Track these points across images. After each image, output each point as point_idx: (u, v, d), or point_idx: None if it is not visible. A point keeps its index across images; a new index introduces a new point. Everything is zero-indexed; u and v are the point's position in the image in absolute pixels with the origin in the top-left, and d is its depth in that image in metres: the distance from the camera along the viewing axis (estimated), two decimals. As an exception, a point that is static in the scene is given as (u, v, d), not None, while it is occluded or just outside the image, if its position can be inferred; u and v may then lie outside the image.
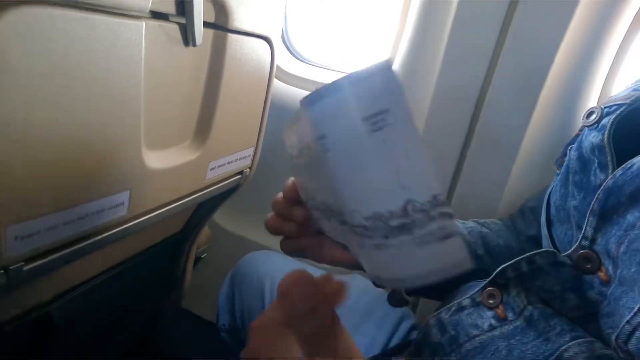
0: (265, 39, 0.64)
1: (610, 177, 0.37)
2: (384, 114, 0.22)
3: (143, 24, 0.41)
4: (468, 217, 0.61)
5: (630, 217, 0.34)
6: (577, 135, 0.47)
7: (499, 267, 0.55)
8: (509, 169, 0.71)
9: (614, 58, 0.67)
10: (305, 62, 0.95)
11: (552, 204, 0.48)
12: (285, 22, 0.92)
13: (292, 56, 0.94)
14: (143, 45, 0.42)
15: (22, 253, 0.36)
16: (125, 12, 0.39)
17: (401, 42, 0.80)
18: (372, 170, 0.23)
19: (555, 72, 0.67)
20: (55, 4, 0.31)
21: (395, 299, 0.55)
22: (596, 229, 0.37)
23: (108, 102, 0.39)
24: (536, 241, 0.55)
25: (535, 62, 0.66)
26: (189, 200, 0.60)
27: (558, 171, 0.50)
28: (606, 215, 0.36)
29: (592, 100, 0.69)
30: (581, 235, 0.38)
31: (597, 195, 0.37)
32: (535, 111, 0.68)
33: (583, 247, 0.37)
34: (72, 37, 0.34)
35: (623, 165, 0.36)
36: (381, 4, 0.96)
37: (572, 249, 0.38)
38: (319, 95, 0.23)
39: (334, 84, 0.23)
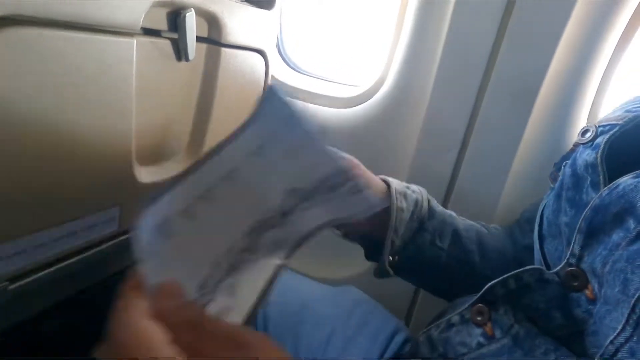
0: (260, 52, 0.64)
1: (597, 196, 0.37)
2: None
3: (134, 41, 0.41)
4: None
5: (615, 236, 0.34)
6: (572, 151, 0.48)
7: (487, 265, 0.56)
8: (504, 180, 0.72)
9: (603, 74, 0.68)
10: (300, 73, 0.96)
11: (544, 218, 0.48)
12: (281, 33, 0.92)
13: (287, 67, 0.95)
14: (134, 61, 0.42)
15: (5, 272, 0.35)
16: (116, 30, 0.39)
17: (396, 52, 0.81)
18: None
19: (547, 86, 0.67)
20: (45, 25, 0.31)
21: (379, 271, 0.55)
22: (583, 247, 0.37)
23: (99, 119, 0.39)
24: (532, 251, 0.55)
25: (528, 76, 0.67)
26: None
27: (552, 185, 0.50)
28: (593, 234, 0.36)
29: (583, 113, 0.70)
30: (569, 252, 0.38)
31: (584, 213, 0.37)
32: (529, 124, 0.69)
33: (570, 265, 0.38)
34: (63, 57, 0.34)
35: (609, 185, 0.37)
36: (377, 14, 0.97)
37: (560, 265, 0.38)
38: None
39: None
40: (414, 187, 0.57)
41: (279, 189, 0.34)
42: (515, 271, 0.41)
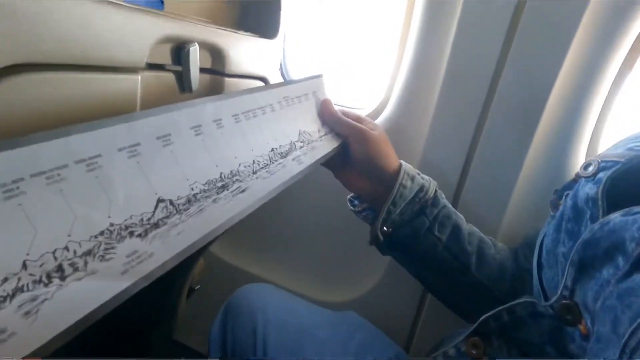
0: (262, 79, 0.66)
1: (588, 230, 0.37)
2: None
3: (139, 77, 0.42)
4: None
5: (605, 272, 0.34)
6: (574, 181, 0.48)
7: (484, 272, 0.58)
8: (505, 204, 0.72)
9: (604, 101, 0.68)
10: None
11: (544, 247, 0.49)
12: (284, 57, 0.94)
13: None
14: (138, 96, 0.43)
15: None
16: (121, 67, 0.40)
17: (398, 75, 0.82)
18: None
19: (549, 110, 0.68)
20: (52, 69, 0.33)
21: (371, 236, 0.60)
22: (575, 281, 0.37)
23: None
24: (531, 275, 0.56)
25: (531, 101, 0.67)
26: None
27: (552, 212, 0.51)
28: (584, 268, 0.37)
29: (585, 137, 0.70)
30: (562, 284, 0.38)
31: (576, 246, 0.38)
32: (531, 148, 0.69)
33: (564, 297, 0.38)
34: (69, 98, 0.35)
35: (601, 220, 0.37)
36: (380, 36, 0.98)
37: (554, 298, 0.39)
38: None
39: None
40: (425, 176, 0.61)
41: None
42: (508, 304, 0.42)
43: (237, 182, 0.39)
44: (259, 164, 0.43)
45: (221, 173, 0.38)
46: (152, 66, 0.45)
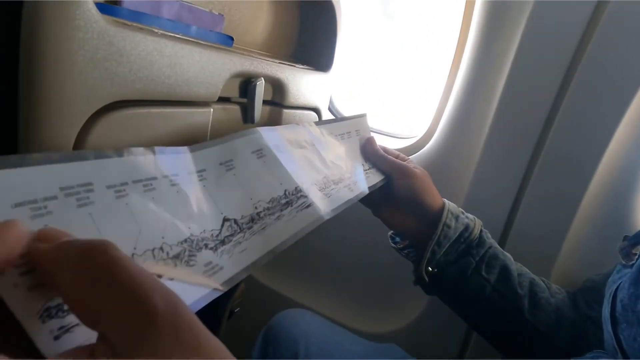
0: (315, 109, 0.68)
1: None
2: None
3: (211, 110, 0.45)
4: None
5: None
6: None
7: (539, 318, 0.55)
8: (559, 243, 0.70)
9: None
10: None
11: (619, 301, 0.46)
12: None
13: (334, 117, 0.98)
14: (209, 127, 0.45)
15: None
16: (197, 101, 0.42)
17: (446, 107, 0.82)
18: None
19: (609, 155, 0.66)
20: (142, 105, 0.35)
21: (416, 276, 0.59)
22: None
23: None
24: (596, 324, 0.54)
25: (586, 148, 0.66)
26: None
27: (623, 261, 0.49)
28: None
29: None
30: None
31: None
32: (588, 192, 0.67)
33: None
34: (153, 129, 0.37)
35: None
36: (429, 67, 1.00)
37: None
38: None
39: None
40: (470, 215, 0.60)
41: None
42: (582, 358, 0.40)
43: (301, 197, 0.41)
44: (316, 186, 0.45)
45: (285, 190, 0.40)
46: (221, 99, 0.48)
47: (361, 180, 0.54)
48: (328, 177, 0.48)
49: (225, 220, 0.34)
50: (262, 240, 0.35)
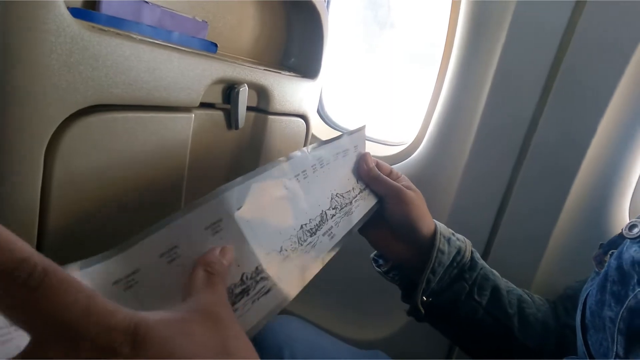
0: (302, 116, 0.68)
1: (632, 297, 0.36)
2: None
3: (192, 115, 0.45)
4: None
5: None
6: (619, 236, 0.47)
7: (528, 334, 0.55)
8: (542, 249, 0.70)
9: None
10: (339, 130, 0.99)
11: (587, 308, 0.47)
12: (321, 94, 0.97)
13: (327, 126, 0.99)
14: (191, 133, 0.45)
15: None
16: (179, 107, 0.43)
17: (434, 113, 0.83)
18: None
19: (588, 163, 0.67)
20: (119, 109, 0.35)
21: (411, 309, 0.57)
22: (627, 350, 0.36)
23: (154, 189, 0.43)
24: (573, 331, 0.54)
25: (570, 147, 0.67)
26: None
27: (596, 269, 0.49)
28: (634, 337, 0.35)
29: (626, 196, 0.68)
30: (614, 353, 0.37)
31: (621, 313, 0.36)
32: (569, 195, 0.68)
33: None
34: (131, 134, 0.37)
35: None
36: (416, 75, 1.00)
37: None
38: None
39: None
40: (459, 236, 0.58)
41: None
42: None
43: (261, 280, 0.34)
44: (289, 246, 0.39)
45: (243, 274, 0.33)
46: (204, 105, 0.48)
47: (352, 211, 0.49)
48: (306, 227, 0.41)
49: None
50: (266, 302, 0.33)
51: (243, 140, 0.58)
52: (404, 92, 1.04)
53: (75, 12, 0.29)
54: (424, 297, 0.54)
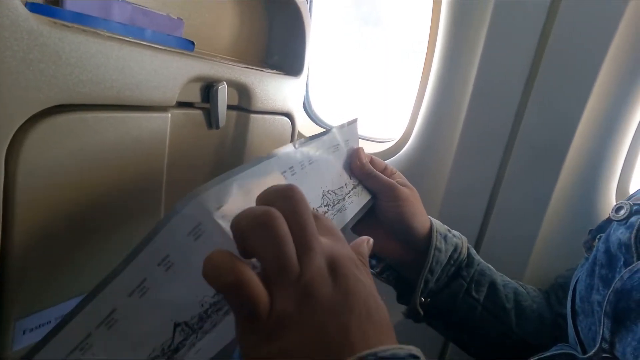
0: (287, 115, 0.67)
1: (618, 279, 0.36)
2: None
3: (169, 115, 0.43)
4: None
5: None
6: (608, 220, 0.47)
7: (524, 327, 0.54)
8: (532, 240, 0.70)
9: (632, 142, 0.67)
10: (326, 128, 0.98)
11: (577, 293, 0.46)
12: (307, 92, 0.96)
13: (314, 123, 0.98)
14: (168, 133, 0.44)
15: (29, 345, 0.36)
16: (153, 106, 0.41)
17: (421, 109, 0.82)
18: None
19: (576, 145, 0.66)
20: (88, 109, 0.34)
21: (409, 311, 0.55)
22: (613, 333, 0.35)
23: (130, 191, 0.41)
24: (565, 319, 0.53)
25: (556, 136, 0.66)
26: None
27: (586, 255, 0.49)
28: (619, 320, 0.35)
29: (613, 181, 0.68)
30: (601, 336, 0.36)
31: (607, 296, 0.36)
32: (558, 184, 0.67)
33: (604, 350, 0.36)
34: (103, 135, 0.36)
35: (630, 267, 0.35)
36: (402, 70, 1.00)
37: (594, 350, 0.37)
38: None
39: None
40: (455, 232, 0.56)
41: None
42: (545, 354, 0.39)
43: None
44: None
45: None
46: (181, 104, 0.47)
47: (345, 208, 0.47)
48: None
49: (176, 325, 0.30)
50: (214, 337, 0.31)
51: (225, 140, 0.56)
52: (390, 88, 1.04)
53: (34, 7, 0.28)
54: (422, 298, 0.52)
